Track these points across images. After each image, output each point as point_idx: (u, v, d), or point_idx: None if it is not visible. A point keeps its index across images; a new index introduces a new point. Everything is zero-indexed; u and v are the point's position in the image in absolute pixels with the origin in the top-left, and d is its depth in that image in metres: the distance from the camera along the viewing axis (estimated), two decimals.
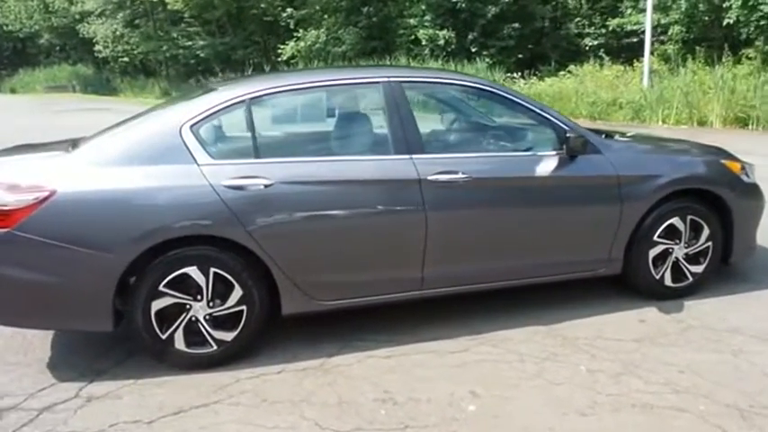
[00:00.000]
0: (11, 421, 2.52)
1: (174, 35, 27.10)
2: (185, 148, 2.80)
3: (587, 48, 17.79)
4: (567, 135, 3.06)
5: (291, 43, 21.31)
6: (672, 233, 3.37)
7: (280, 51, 21.41)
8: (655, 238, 3.34)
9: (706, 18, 13.89)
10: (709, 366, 2.77)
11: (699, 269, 3.46)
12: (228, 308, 2.85)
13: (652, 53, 13.62)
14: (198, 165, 2.79)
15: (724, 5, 13.19)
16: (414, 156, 2.98)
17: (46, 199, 2.63)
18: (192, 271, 2.77)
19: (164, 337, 2.80)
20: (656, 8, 13.48)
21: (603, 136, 3.52)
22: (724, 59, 12.48)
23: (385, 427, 2.40)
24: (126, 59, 30.63)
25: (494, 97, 3.27)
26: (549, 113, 3.23)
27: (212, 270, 2.79)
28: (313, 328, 3.19)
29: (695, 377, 2.68)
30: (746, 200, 3.47)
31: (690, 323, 3.19)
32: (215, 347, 2.87)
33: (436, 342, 3.09)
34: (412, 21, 17.85)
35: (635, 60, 14.47)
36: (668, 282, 3.43)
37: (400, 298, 3.12)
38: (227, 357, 2.91)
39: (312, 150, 3.15)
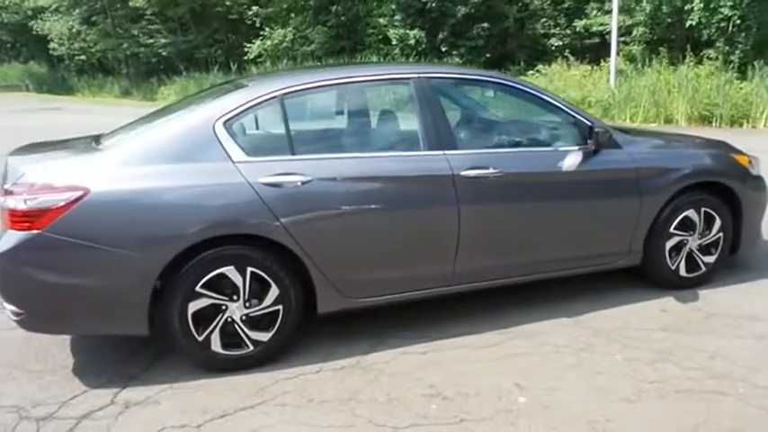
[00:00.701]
0: (50, 431, 2.42)
1: (135, 33, 26.39)
2: (219, 144, 2.74)
3: (553, 48, 18.13)
4: (596, 130, 3.12)
5: (258, 42, 21.07)
6: (687, 225, 3.48)
7: (246, 50, 21.12)
8: (671, 229, 3.45)
9: (669, 20, 14.36)
10: (737, 352, 2.87)
11: (711, 259, 3.59)
12: (265, 308, 2.80)
13: (617, 53, 14.00)
14: (233, 162, 2.73)
15: (686, 8, 13.67)
16: (446, 152, 2.99)
17: (79, 199, 2.54)
18: (230, 271, 2.71)
19: (200, 339, 2.74)
20: (620, 10, 13.86)
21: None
22: (686, 60, 12.95)
23: (440, 422, 2.41)
24: (83, 57, 29.67)
25: (518, 93, 3.31)
26: (572, 109, 3.30)
27: (249, 269, 2.74)
28: (342, 327, 3.16)
29: (727, 362, 2.78)
30: (754, 192, 3.62)
31: (709, 311, 3.31)
32: (251, 348, 2.82)
33: (468, 337, 3.11)
34: (381, 20, 17.89)
35: (602, 60, 14.84)
36: (683, 272, 3.54)
37: (431, 293, 3.13)
38: (264, 358, 2.87)
39: (346, 146, 3.12)
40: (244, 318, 2.79)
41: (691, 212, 3.46)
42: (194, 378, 2.79)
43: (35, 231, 2.52)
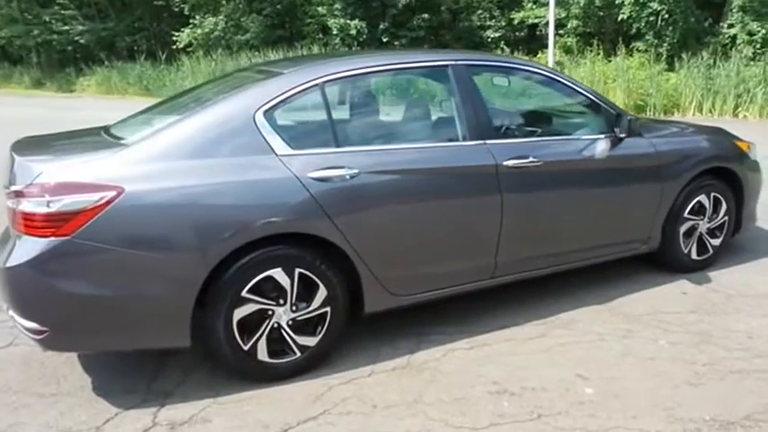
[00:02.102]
0: None
1: (46, 18, 24.50)
2: (261, 137, 2.54)
3: (489, 40, 18.48)
4: (628, 118, 3.15)
5: (187, 30, 20.11)
6: (698, 210, 3.59)
7: (175, 39, 20.13)
8: (685, 214, 3.55)
9: (601, 13, 14.95)
10: None
11: (717, 242, 3.73)
12: (313, 310, 2.64)
13: (554, 45, 14.44)
14: (277, 155, 2.54)
15: (617, 2, 14.29)
16: (487, 141, 2.92)
17: (112, 200, 2.27)
18: (277, 273, 2.52)
19: (246, 348, 2.54)
20: (556, 3, 14.29)
21: None
22: (618, 52, 13.55)
23: (518, 419, 2.35)
24: None
25: (547, 81, 3.28)
26: (598, 97, 3.31)
27: (297, 271, 2.56)
28: (378, 326, 3.03)
29: (766, 342, 2.88)
30: (753, 176, 3.79)
31: (726, 292, 3.43)
32: (298, 354, 2.65)
33: (509, 329, 3.07)
34: (320, 9, 17.53)
35: (539, 52, 15.26)
36: (694, 255, 3.66)
37: (473, 287, 3.06)
38: (311, 364, 2.70)
39: (390, 137, 2.97)
40: (290, 322, 2.61)
41: (702, 197, 3.58)
42: (238, 390, 2.58)
43: (62, 238, 2.23)
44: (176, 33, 20.30)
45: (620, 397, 2.47)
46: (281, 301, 2.57)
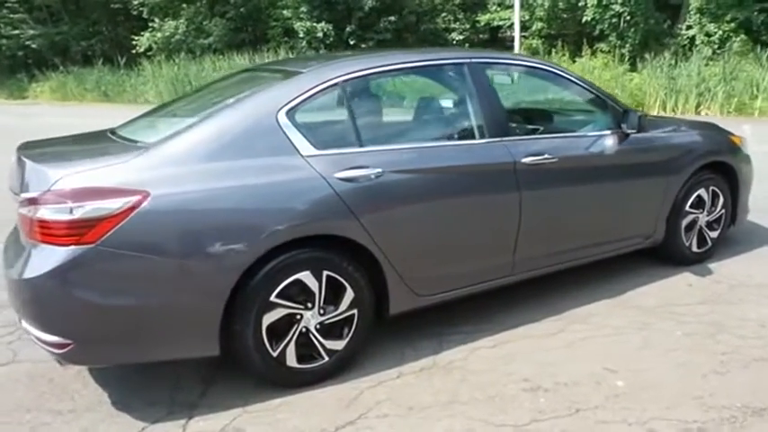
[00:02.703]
0: None
1: None
2: (285, 137, 2.48)
3: (454, 42, 18.65)
4: (638, 114, 3.21)
5: (147, 34, 19.65)
6: (698, 203, 3.69)
7: (134, 43, 19.63)
8: (687, 208, 3.64)
9: (565, 15, 15.29)
10: None
11: (715, 234, 3.84)
12: (340, 313, 2.58)
13: (519, 47, 14.69)
14: (302, 156, 2.48)
15: (580, 4, 14.65)
16: (504, 139, 2.93)
17: (138, 204, 2.17)
18: (305, 276, 2.46)
19: (275, 354, 2.47)
20: (520, 5, 14.55)
21: None
22: (583, 53, 13.90)
23: (558, 415, 2.35)
24: None
25: (556, 78, 3.31)
26: (605, 95, 3.36)
27: (325, 273, 2.50)
28: (395, 328, 2.98)
29: None
30: (747, 169, 3.91)
31: (729, 283, 3.53)
32: (326, 359, 2.59)
33: (527, 326, 3.08)
34: (285, 12, 17.38)
35: None
36: (695, 248, 3.76)
37: (491, 285, 3.06)
38: (338, 368, 2.65)
39: (411, 136, 2.94)
40: (318, 326, 2.55)
41: (701, 191, 3.67)
42: (267, 398, 2.51)
43: (86, 246, 2.13)
44: (135, 37, 19.82)
45: (650, 388, 2.50)
46: (309, 305, 2.51)
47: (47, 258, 2.15)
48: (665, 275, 3.65)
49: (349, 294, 2.58)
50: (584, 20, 14.47)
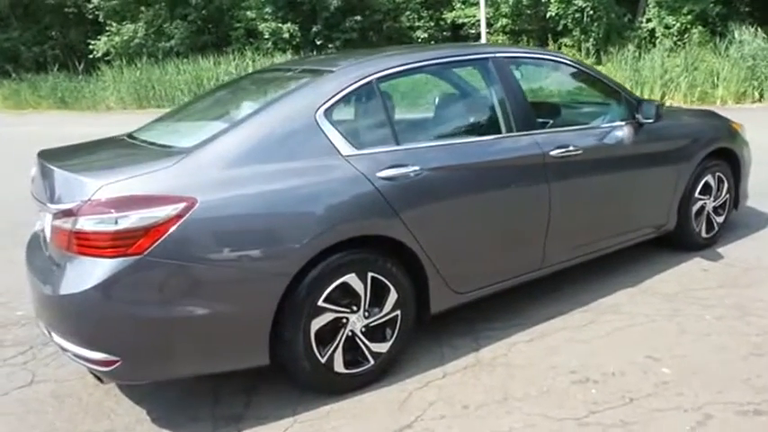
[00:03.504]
0: None
1: None
2: (325, 137, 2.41)
3: (419, 40, 18.71)
4: (656, 104, 3.25)
5: (104, 38, 19.07)
6: (706, 190, 3.77)
7: (92, 47, 19.02)
8: (696, 195, 3.72)
9: (528, 11, 15.52)
10: None
11: (721, 219, 3.94)
12: (384, 315, 2.54)
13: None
14: (342, 156, 2.42)
15: (543, 0, 14.89)
16: (531, 132, 2.93)
17: (185, 212, 2.08)
18: (351, 279, 2.41)
19: (323, 360, 2.40)
20: (485, 2, 14.71)
21: None
22: (548, 49, 14.12)
23: (614, 406, 2.35)
24: None
25: (573, 71, 3.33)
26: (619, 86, 3.40)
27: (370, 275, 2.45)
28: (429, 327, 2.94)
29: None
30: (747, 154, 4.02)
31: (742, 266, 3.62)
32: (372, 362, 2.54)
33: (558, 319, 3.09)
34: (249, 13, 17.10)
35: None
36: (704, 234, 3.84)
37: (523, 280, 3.05)
38: (382, 371, 2.60)
39: (444, 131, 2.90)
40: (363, 329, 2.50)
41: (709, 178, 3.76)
42: (315, 405, 2.44)
43: (134, 257, 2.02)
44: (92, 42, 19.21)
45: (696, 374, 2.54)
46: (355, 308, 2.46)
47: (90, 272, 2.04)
48: (677, 262, 3.72)
49: (392, 295, 2.53)
50: (547, 15, 14.74)
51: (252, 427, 2.34)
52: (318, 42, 16.65)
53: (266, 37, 16.62)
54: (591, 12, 14.11)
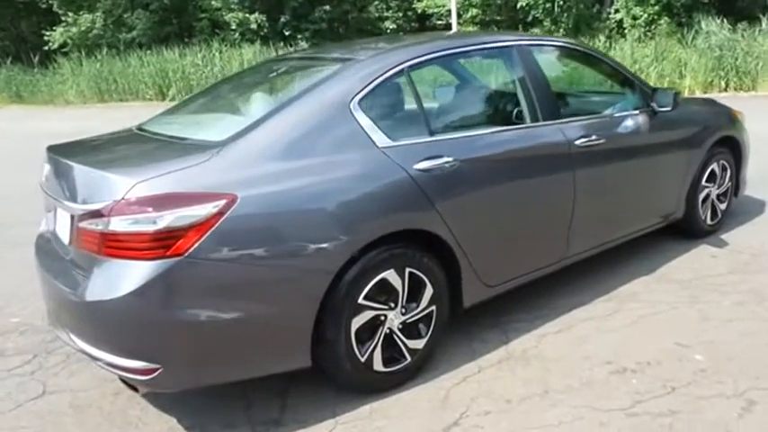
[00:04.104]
0: None
1: None
2: (360, 129, 2.33)
3: (388, 31, 18.62)
4: (674, 92, 3.26)
5: (60, 29, 18.35)
6: (711, 177, 3.83)
7: (47, 39, 18.26)
8: (703, 183, 3.77)
9: (498, 1, 15.59)
10: None
11: (723, 207, 4.00)
12: (421, 311, 2.48)
13: None
14: (378, 148, 2.34)
15: None
16: (555, 122, 2.90)
17: (226, 209, 1.97)
18: (390, 274, 2.34)
19: (363, 359, 2.33)
20: None
21: None
22: None
23: (657, 395, 2.34)
24: None
25: (592, 60, 3.32)
26: (632, 74, 3.41)
27: (408, 270, 2.39)
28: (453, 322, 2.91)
29: None
30: (747, 142, 4.10)
31: (749, 252, 3.68)
32: (409, 359, 2.47)
33: (581, 308, 3.08)
34: (215, 3, 16.67)
35: None
36: (709, 221, 3.90)
37: (548, 270, 3.03)
38: (418, 368, 2.54)
39: (473, 121, 2.83)
40: (400, 326, 2.43)
41: (714, 166, 3.81)
42: (354, 406, 2.37)
43: (174, 258, 1.90)
44: (47, 33, 18.45)
45: (730, 360, 2.56)
46: (392, 305, 2.39)
47: (127, 276, 1.91)
48: (686, 249, 3.77)
49: (428, 290, 2.47)
50: (518, 5, 14.82)
51: (294, 431, 2.25)
52: (287, 33, 16.37)
53: (233, 28, 16.25)
54: (561, 2, 14.26)
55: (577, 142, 2.91)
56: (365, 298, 2.28)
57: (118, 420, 2.36)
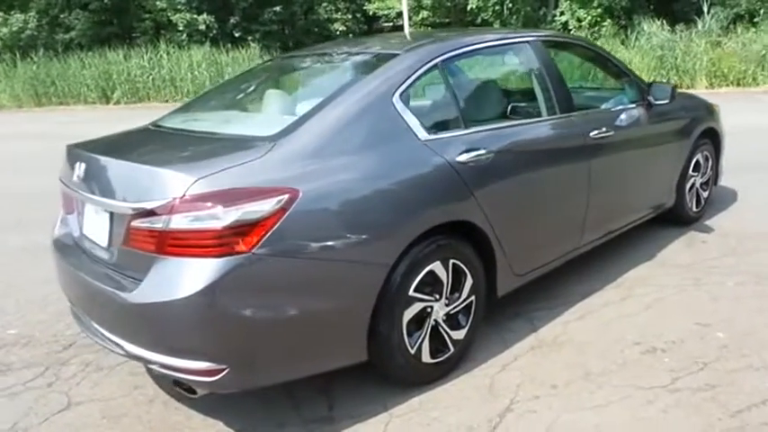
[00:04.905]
0: None
1: None
2: (403, 122, 2.33)
3: (338, 32, 18.61)
4: (672, 86, 3.42)
5: None
6: (696, 167, 4.04)
7: None
8: (690, 172, 3.97)
9: (449, 4, 15.85)
10: None
11: (706, 194, 4.23)
12: (462, 301, 2.50)
13: None
14: (421, 141, 2.35)
15: None
16: (570, 114, 3.00)
17: (289, 204, 1.93)
18: (436, 266, 2.35)
19: (413, 352, 2.34)
20: None
21: None
22: None
23: (690, 371, 2.45)
24: None
25: (593, 55, 3.43)
26: (627, 68, 3.56)
27: (451, 261, 2.41)
28: None
29: None
30: (724, 134, 4.35)
31: (735, 236, 3.90)
32: (452, 350, 2.50)
33: (596, 295, 3.19)
34: (160, 3, 16.17)
35: None
36: (694, 208, 4.11)
37: (565, 258, 3.12)
38: (459, 359, 2.57)
39: (502, 114, 2.86)
40: (444, 317, 2.45)
41: (699, 156, 4.03)
42: (402, 399, 2.36)
43: (241, 255, 1.85)
44: None
45: (750, 335, 2.71)
46: (437, 296, 2.40)
47: (193, 275, 1.84)
48: (676, 236, 3.96)
49: (469, 281, 2.50)
50: (468, 7, 15.12)
51: (350, 427, 2.22)
52: (237, 35, 16.07)
53: (180, 29, 15.80)
54: (510, 4, 14.65)
55: (591, 134, 3.01)
56: (415, 290, 2.29)
57: (160, 428, 2.27)
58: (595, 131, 3.04)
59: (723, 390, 2.32)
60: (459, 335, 2.52)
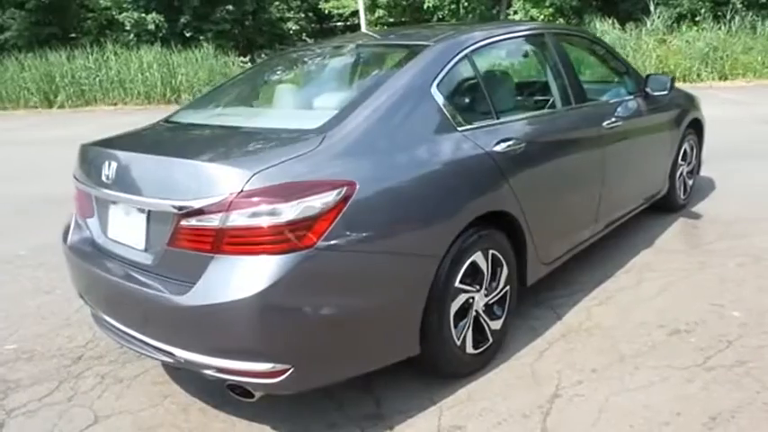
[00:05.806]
0: None
1: None
2: (442, 112, 2.31)
3: (291, 32, 18.39)
4: (670, 77, 3.53)
5: None
6: (684, 156, 4.19)
7: None
8: (679, 161, 4.12)
9: (405, 2, 15.92)
10: None
11: (691, 182, 4.40)
12: (499, 291, 2.51)
13: None
14: (459, 131, 2.34)
15: None
16: (586, 105, 3.06)
17: (348, 197, 1.88)
18: (478, 257, 2.35)
19: (459, 343, 2.32)
20: None
21: None
22: None
23: (717, 349, 2.53)
24: None
25: (596, 47, 3.51)
26: (626, 61, 3.66)
27: (491, 252, 2.41)
28: None
29: None
30: (704, 124, 4.53)
31: (721, 221, 4.07)
32: (491, 340, 2.50)
33: (610, 281, 3.26)
34: (104, 2, 15.54)
35: None
36: (683, 196, 4.27)
37: (582, 246, 3.17)
38: (497, 349, 2.57)
39: (527, 104, 2.88)
40: (484, 308, 2.45)
41: (687, 146, 4.18)
42: (448, 391, 2.35)
43: (305, 251, 1.79)
44: None
45: (765, 313, 2.82)
46: (478, 287, 2.39)
47: (255, 273, 1.76)
48: (669, 222, 4.10)
49: (504, 271, 2.51)
50: (424, 6, 15.23)
51: (402, 422, 2.19)
52: (188, 34, 15.63)
53: (127, 28, 15.23)
54: (465, 3, 14.84)
55: (604, 124, 3.08)
56: (460, 281, 2.27)
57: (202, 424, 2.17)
58: (607, 121, 3.11)
59: (755, 365, 2.41)
60: (497, 325, 2.52)
